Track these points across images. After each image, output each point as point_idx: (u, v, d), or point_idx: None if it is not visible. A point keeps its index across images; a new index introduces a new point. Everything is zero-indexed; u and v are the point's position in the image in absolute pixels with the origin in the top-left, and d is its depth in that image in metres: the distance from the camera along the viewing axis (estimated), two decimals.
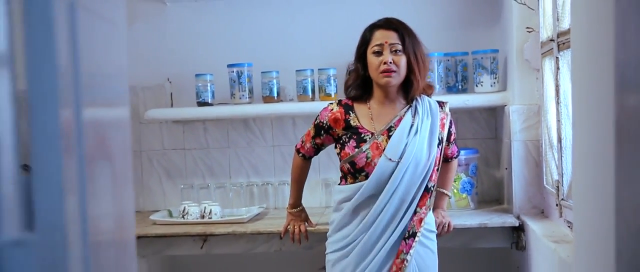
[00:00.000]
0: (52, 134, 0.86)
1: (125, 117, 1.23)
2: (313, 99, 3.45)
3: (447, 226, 2.73)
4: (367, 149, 2.54)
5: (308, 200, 3.10)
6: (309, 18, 3.68)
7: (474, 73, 3.41)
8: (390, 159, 2.49)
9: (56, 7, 0.87)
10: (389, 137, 2.54)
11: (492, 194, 3.56)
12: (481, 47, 3.49)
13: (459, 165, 3.22)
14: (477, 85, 3.39)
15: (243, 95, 3.50)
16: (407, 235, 2.49)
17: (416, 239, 2.49)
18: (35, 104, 0.86)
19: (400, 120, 2.55)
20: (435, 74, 3.40)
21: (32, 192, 0.86)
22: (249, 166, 3.72)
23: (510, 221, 3.00)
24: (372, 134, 2.57)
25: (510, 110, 3.11)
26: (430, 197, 2.56)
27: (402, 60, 2.50)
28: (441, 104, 2.64)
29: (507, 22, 3.29)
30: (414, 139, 2.51)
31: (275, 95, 3.51)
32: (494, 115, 3.59)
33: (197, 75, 3.47)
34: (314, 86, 3.49)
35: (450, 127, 2.65)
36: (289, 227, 2.90)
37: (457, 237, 3.03)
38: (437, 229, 2.64)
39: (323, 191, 3.52)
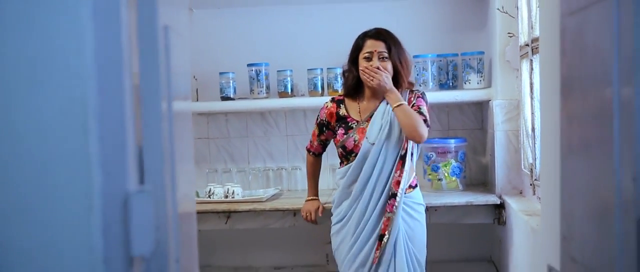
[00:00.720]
0: (155, 117, 1.18)
1: (189, 107, 1.54)
2: (322, 94, 3.68)
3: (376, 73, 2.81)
4: (354, 134, 2.85)
5: (319, 183, 3.30)
6: (319, 24, 3.91)
7: (463, 72, 3.64)
8: (370, 142, 2.80)
9: (158, 28, 1.18)
10: (371, 122, 2.84)
11: (479, 178, 3.81)
12: (469, 49, 3.71)
13: (448, 152, 3.51)
14: (465, 83, 3.62)
15: (261, 90, 3.74)
16: (388, 197, 2.78)
17: (396, 199, 2.76)
18: (145, 96, 1.18)
19: (379, 108, 2.85)
20: (428, 72, 3.62)
21: (143, 159, 1.18)
22: (265, 153, 3.98)
23: (492, 199, 3.28)
24: (358, 122, 2.87)
25: (494, 105, 3.36)
26: (403, 164, 2.80)
27: (389, 65, 2.80)
28: (411, 89, 2.91)
29: (491, 28, 3.51)
30: (387, 119, 2.80)
31: (289, 91, 3.75)
32: (480, 109, 3.83)
33: (221, 73, 3.73)
34: (323, 83, 3.73)
35: (416, 103, 2.85)
36: (305, 213, 3.13)
37: (447, 214, 3.30)
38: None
39: (330, 175, 3.76)
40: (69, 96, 1.06)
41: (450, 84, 3.70)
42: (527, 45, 2.91)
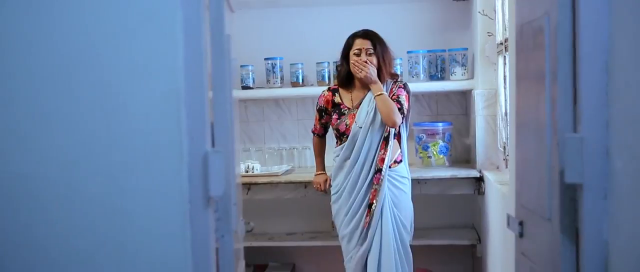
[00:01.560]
0: (222, 101, 1.58)
1: (238, 95, 1.94)
2: (329, 84, 3.94)
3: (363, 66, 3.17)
4: (345, 119, 3.25)
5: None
6: (326, 23, 4.17)
7: (450, 65, 3.94)
8: (359, 126, 3.19)
9: (223, 37, 1.58)
10: (360, 109, 3.22)
11: (463, 156, 4.13)
12: (455, 46, 4.00)
13: (436, 133, 3.89)
14: (451, 75, 3.93)
15: (276, 81, 4.07)
16: (375, 172, 3.17)
17: (381, 173, 3.15)
18: (215, 86, 1.58)
19: (367, 96, 3.22)
20: (420, 65, 3.93)
21: (214, 130, 1.58)
22: (279, 135, 4.30)
23: (473, 173, 3.66)
24: (349, 108, 3.26)
25: (475, 94, 3.71)
26: (387, 144, 3.18)
27: (374, 59, 3.17)
28: (395, 80, 3.27)
29: (473, 28, 3.82)
30: (372, 106, 3.17)
31: (300, 81, 4.06)
32: (464, 97, 4.14)
33: (241, 65, 4.04)
34: (329, 74, 4.02)
35: (397, 92, 3.20)
36: (315, 184, 3.52)
37: (435, 186, 3.68)
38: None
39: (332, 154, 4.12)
40: (167, 87, 1.46)
41: (439, 75, 4.01)
42: (502, 43, 3.28)
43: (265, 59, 4.08)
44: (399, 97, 3.18)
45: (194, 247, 1.49)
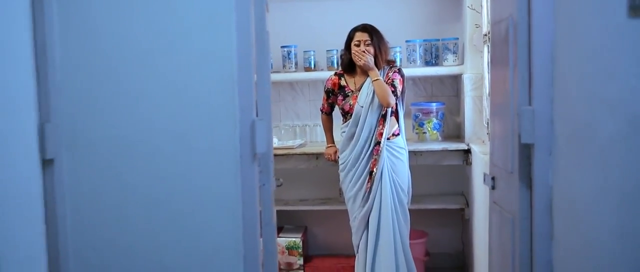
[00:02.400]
0: (263, 83, 2.00)
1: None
2: (337, 69, 4.16)
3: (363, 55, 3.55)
4: (349, 100, 3.65)
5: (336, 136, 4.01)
6: (335, 15, 4.46)
7: (443, 53, 4.26)
8: (361, 106, 3.59)
9: (265, 33, 2.00)
10: (361, 91, 3.63)
11: (454, 131, 4.47)
12: (448, 36, 4.30)
13: (431, 112, 4.27)
14: (444, 61, 4.26)
15: (291, 66, 4.40)
16: (374, 144, 3.57)
17: (380, 146, 3.55)
18: (259, 71, 2.00)
19: (367, 81, 3.61)
20: (417, 53, 4.26)
21: (257, 104, 2.01)
22: (294, 114, 4.63)
23: (462, 146, 4.03)
24: (352, 90, 3.67)
25: (465, 78, 4.05)
26: (384, 121, 3.56)
27: (371, 49, 3.56)
28: (392, 66, 3.65)
29: (464, 21, 4.13)
30: (371, 89, 3.55)
31: (312, 66, 4.39)
32: (456, 80, 4.44)
33: None
34: (338, 60, 4.29)
35: (392, 76, 3.58)
36: (326, 155, 3.94)
37: (430, 157, 4.06)
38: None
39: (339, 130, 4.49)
40: (224, 72, 1.87)
41: (433, 62, 4.30)
42: (487, 34, 3.67)
43: (282, 46, 4.40)
44: (393, 81, 3.58)
45: (244, 191, 1.92)
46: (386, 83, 3.57)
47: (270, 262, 2.03)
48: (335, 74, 3.79)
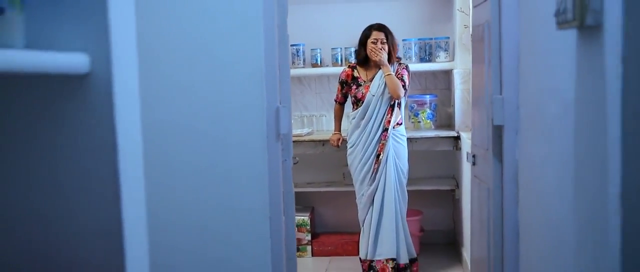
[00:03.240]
0: (285, 76, 2.40)
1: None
2: (341, 65, 4.62)
3: (379, 51, 3.89)
4: (362, 89, 4.00)
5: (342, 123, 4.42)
6: (339, 16, 4.79)
7: (435, 50, 4.60)
8: (372, 94, 3.95)
9: (286, 33, 2.40)
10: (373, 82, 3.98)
11: (445, 121, 4.82)
12: (440, 35, 4.65)
13: (425, 103, 4.65)
14: (437, 58, 4.61)
15: (299, 62, 4.74)
16: (384, 130, 3.94)
17: (387, 132, 3.91)
18: (281, 65, 2.40)
19: (379, 73, 3.96)
20: (413, 50, 4.64)
21: (281, 93, 2.41)
22: (302, 105, 4.96)
23: (453, 133, 4.38)
24: (365, 81, 4.01)
25: (455, 73, 4.39)
26: (392, 110, 3.91)
27: (386, 47, 3.94)
28: (400, 63, 4.03)
29: (454, 22, 4.46)
30: (383, 81, 3.92)
31: (319, 62, 4.73)
32: (447, 75, 4.78)
33: None
34: (342, 57, 4.71)
35: (401, 72, 3.94)
36: (331, 141, 4.33)
37: (424, 144, 4.42)
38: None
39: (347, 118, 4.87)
40: (254, 67, 2.27)
41: (427, 58, 4.62)
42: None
43: (291, 45, 4.52)
44: (402, 76, 3.96)
45: (270, 164, 2.32)
46: (398, 75, 3.95)
47: (290, 220, 2.44)
48: (349, 66, 4.11)
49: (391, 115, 3.95)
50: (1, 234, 1.10)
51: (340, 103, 4.22)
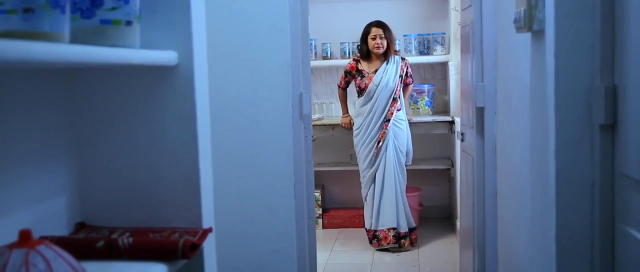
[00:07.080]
0: (306, 69, 2.85)
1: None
2: (349, 58, 4.98)
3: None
4: (365, 80, 4.41)
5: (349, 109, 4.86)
6: (347, 14, 5.17)
7: (433, 44, 5.01)
8: (375, 85, 4.38)
9: (307, 31, 2.84)
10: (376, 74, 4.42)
11: (442, 107, 5.20)
12: (437, 31, 5.05)
13: (423, 92, 5.10)
14: (434, 51, 5.01)
15: (311, 55, 5.15)
16: (385, 120, 4.36)
17: (389, 122, 4.33)
18: (303, 59, 2.86)
19: (381, 66, 4.41)
20: (413, 44, 5.10)
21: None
22: (313, 94, 5.26)
23: (448, 118, 4.79)
24: (368, 73, 4.43)
25: (450, 64, 4.81)
26: (395, 102, 4.34)
27: (384, 42, 4.39)
28: (403, 59, 4.46)
29: (449, 19, 4.87)
30: (386, 74, 4.34)
31: (329, 55, 5.14)
32: (443, 67, 5.18)
33: None
34: (349, 50, 5.11)
35: (406, 69, 4.37)
36: (341, 123, 4.77)
37: (422, 128, 4.83)
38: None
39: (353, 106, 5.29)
40: (282, 60, 2.71)
41: (425, 51, 5.04)
42: None
43: None
44: (408, 70, 4.40)
45: (294, 140, 2.77)
46: (403, 71, 4.36)
47: (310, 186, 2.91)
48: (354, 59, 4.52)
49: (394, 107, 4.34)
50: (120, 179, 1.49)
51: (343, 88, 4.63)
